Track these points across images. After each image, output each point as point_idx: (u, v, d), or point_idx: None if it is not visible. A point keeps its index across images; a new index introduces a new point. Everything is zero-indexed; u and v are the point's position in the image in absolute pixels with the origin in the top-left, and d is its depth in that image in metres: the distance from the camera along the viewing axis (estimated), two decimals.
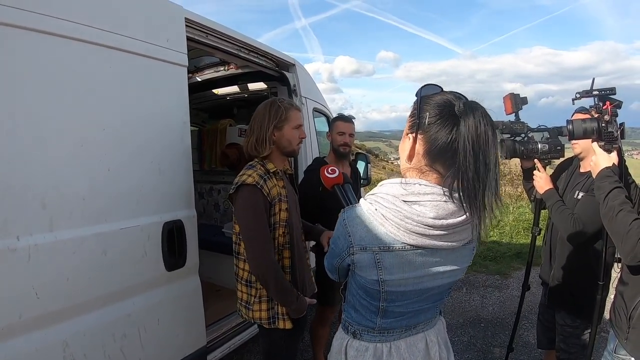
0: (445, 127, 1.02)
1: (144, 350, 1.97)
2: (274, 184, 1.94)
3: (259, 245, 1.87)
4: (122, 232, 1.86)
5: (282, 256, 2.00)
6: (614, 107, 1.79)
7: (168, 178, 2.11)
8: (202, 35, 2.53)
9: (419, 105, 1.08)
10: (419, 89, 1.11)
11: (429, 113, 1.05)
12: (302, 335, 2.23)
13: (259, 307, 1.96)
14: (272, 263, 1.88)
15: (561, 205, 2.13)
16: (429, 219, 1.03)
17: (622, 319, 1.70)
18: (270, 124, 1.96)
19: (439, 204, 1.04)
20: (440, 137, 1.03)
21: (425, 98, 1.09)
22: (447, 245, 1.09)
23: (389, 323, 1.22)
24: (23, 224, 1.52)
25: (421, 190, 1.06)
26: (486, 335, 3.81)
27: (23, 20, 1.50)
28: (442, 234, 1.06)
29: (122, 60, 1.88)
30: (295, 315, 1.95)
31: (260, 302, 1.96)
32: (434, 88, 1.11)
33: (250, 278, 1.97)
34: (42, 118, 1.58)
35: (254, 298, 1.97)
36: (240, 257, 2.00)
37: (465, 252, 1.18)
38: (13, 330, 1.50)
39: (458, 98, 1.05)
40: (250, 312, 1.98)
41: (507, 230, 7.46)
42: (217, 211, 4.64)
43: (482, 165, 0.98)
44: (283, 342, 2.04)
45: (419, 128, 1.08)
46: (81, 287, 1.72)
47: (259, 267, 1.87)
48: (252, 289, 1.98)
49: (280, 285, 1.89)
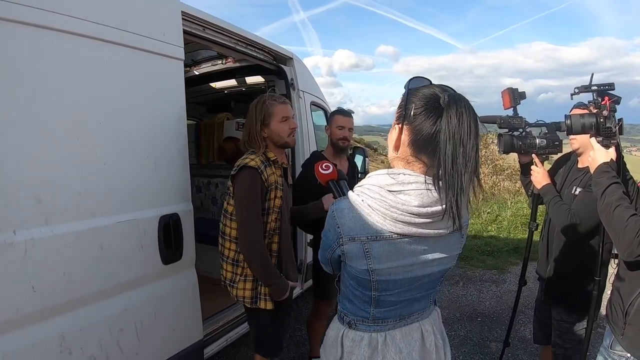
0: (429, 118, 1.06)
1: (141, 344, 1.97)
2: (273, 172, 2.07)
3: (251, 225, 1.99)
4: (118, 226, 1.86)
5: (272, 241, 2.11)
6: (613, 103, 1.78)
7: (164, 172, 2.10)
8: (199, 28, 2.52)
9: (406, 97, 1.12)
10: (407, 81, 1.15)
11: (415, 105, 1.08)
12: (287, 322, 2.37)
13: (244, 286, 2.09)
14: (260, 244, 2.01)
15: (558, 200, 2.13)
16: (413, 207, 1.06)
17: (618, 315, 1.71)
18: (258, 123, 2.08)
19: (423, 192, 1.07)
20: (425, 128, 1.06)
21: (413, 90, 1.12)
22: (433, 232, 1.11)
23: (382, 312, 1.23)
24: (19, 219, 1.51)
25: (405, 179, 1.09)
26: (483, 329, 3.82)
27: (15, 14, 1.48)
28: (427, 222, 1.09)
29: (118, 54, 1.86)
30: (277, 297, 2.07)
31: (246, 281, 2.08)
32: (423, 81, 1.14)
33: (237, 257, 2.09)
34: (37, 112, 1.57)
35: (239, 276, 2.10)
36: (225, 237, 2.13)
37: (453, 239, 1.20)
38: (10, 325, 1.50)
39: (444, 91, 1.08)
40: (235, 290, 2.10)
41: (505, 225, 7.49)
42: (214, 205, 4.63)
43: (461, 155, 1.00)
44: (269, 328, 2.17)
45: (405, 119, 1.11)
46: (78, 281, 1.71)
47: (248, 246, 1.99)
48: (238, 268, 2.11)
49: (265, 265, 2.02)
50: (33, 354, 1.57)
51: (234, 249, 2.10)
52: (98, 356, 1.79)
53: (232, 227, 2.08)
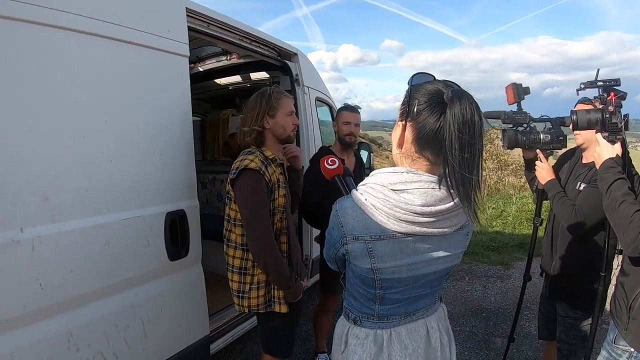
0: (433, 114, 1.04)
1: (148, 340, 1.99)
2: (273, 170, 2.00)
3: (262, 229, 1.90)
4: (124, 223, 1.87)
5: (280, 241, 2.05)
6: (618, 99, 1.77)
7: (170, 168, 2.11)
8: (204, 25, 2.52)
9: (410, 94, 1.10)
10: (410, 77, 1.13)
11: (419, 101, 1.07)
12: (299, 321, 2.30)
13: (257, 294, 2.01)
14: (274, 247, 1.93)
15: (563, 196, 2.12)
16: (417, 207, 1.06)
17: (622, 310, 1.71)
18: (262, 113, 2.01)
19: (427, 191, 1.07)
20: (428, 125, 1.05)
21: (416, 86, 1.11)
22: (437, 231, 1.11)
23: (387, 310, 1.24)
24: (26, 216, 1.52)
25: (409, 178, 1.08)
26: (488, 325, 3.82)
27: (21, 12, 1.49)
28: (431, 221, 1.08)
29: (123, 52, 1.87)
30: (291, 299, 2.01)
31: (258, 289, 2.01)
32: (426, 76, 1.13)
33: (243, 265, 2.01)
34: (42, 110, 1.58)
35: (250, 285, 2.01)
36: (230, 244, 2.04)
37: (458, 238, 1.20)
38: (17, 322, 1.51)
39: (448, 86, 1.07)
40: (246, 301, 2.02)
41: (510, 221, 7.47)
42: (220, 201, 4.63)
43: (468, 152, 0.99)
44: (281, 329, 2.10)
45: (408, 115, 1.09)
46: (84, 278, 1.73)
47: (262, 251, 1.90)
48: (246, 277, 2.02)
49: (281, 269, 1.94)
50: (40, 351, 1.58)
51: (239, 256, 2.02)
52: (105, 352, 1.80)
53: (237, 233, 2.00)
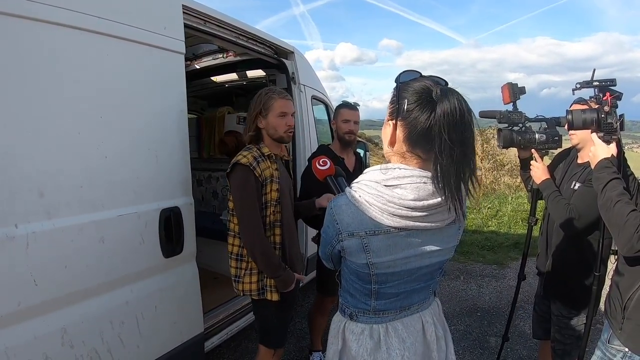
0: (423, 112, 1.04)
1: (142, 337, 1.99)
2: (267, 166, 2.10)
3: (248, 220, 2.03)
4: (119, 220, 1.87)
5: (274, 233, 2.15)
6: (614, 99, 1.78)
7: (165, 165, 2.11)
8: (200, 22, 2.51)
9: (398, 92, 1.11)
10: (398, 75, 1.13)
11: (408, 100, 1.07)
12: (291, 313, 2.40)
13: (249, 280, 2.13)
14: (260, 236, 2.05)
15: (557, 195, 2.12)
16: (409, 201, 1.07)
17: (616, 309, 1.71)
18: (255, 113, 2.14)
19: (419, 185, 1.08)
20: (419, 123, 1.05)
21: (404, 84, 1.11)
22: (430, 225, 1.13)
23: (383, 304, 1.25)
24: (21, 212, 1.52)
25: (401, 174, 1.10)
26: (482, 324, 3.84)
27: (17, 8, 1.48)
28: (424, 215, 1.10)
29: (119, 48, 1.86)
30: (282, 288, 2.10)
31: (251, 275, 2.13)
32: (413, 74, 1.13)
33: (240, 252, 2.14)
34: (38, 106, 1.57)
35: (244, 271, 2.13)
36: (230, 232, 2.16)
37: (450, 231, 1.22)
38: (12, 319, 1.51)
39: (436, 83, 1.07)
40: (241, 285, 2.14)
41: (505, 220, 7.49)
42: (215, 199, 4.64)
43: (458, 148, 1.00)
44: (274, 318, 2.20)
45: (398, 114, 1.10)
46: (79, 274, 1.72)
47: (248, 239, 2.04)
48: (242, 262, 2.14)
49: (267, 257, 2.06)
50: (35, 348, 1.58)
51: (236, 244, 2.14)
52: (99, 349, 1.80)
53: (235, 222, 2.12)
